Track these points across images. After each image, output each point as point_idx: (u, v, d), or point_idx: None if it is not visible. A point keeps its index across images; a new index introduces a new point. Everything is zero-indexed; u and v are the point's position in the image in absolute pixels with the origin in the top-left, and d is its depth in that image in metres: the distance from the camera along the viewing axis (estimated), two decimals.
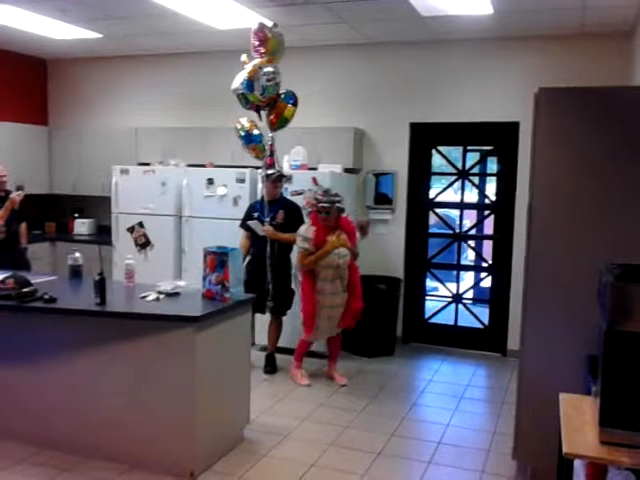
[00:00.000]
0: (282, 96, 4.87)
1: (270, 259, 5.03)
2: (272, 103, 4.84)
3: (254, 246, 5.18)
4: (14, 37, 6.28)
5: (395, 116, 6.11)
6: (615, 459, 2.04)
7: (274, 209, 5.09)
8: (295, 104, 4.92)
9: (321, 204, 4.72)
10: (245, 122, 4.97)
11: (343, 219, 4.88)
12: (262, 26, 4.71)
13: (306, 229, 4.82)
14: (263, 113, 4.88)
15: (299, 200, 5.34)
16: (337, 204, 4.74)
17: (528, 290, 3.32)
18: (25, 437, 3.70)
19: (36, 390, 3.70)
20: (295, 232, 4.92)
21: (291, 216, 5.07)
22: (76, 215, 7.36)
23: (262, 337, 5.55)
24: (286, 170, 5.52)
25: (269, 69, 4.67)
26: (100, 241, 6.67)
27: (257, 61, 4.72)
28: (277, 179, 5.07)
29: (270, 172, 5.00)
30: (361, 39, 5.93)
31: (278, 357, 5.31)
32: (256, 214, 5.14)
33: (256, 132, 4.95)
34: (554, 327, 3.24)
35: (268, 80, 4.65)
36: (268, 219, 5.04)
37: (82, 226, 7.20)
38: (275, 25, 4.77)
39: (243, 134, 4.95)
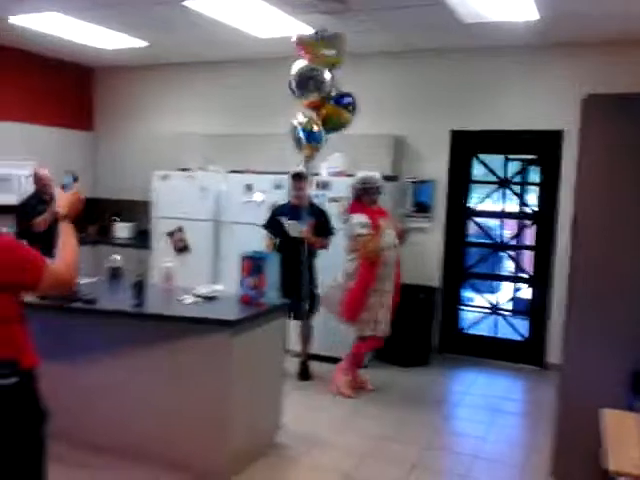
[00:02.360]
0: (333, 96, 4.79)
1: (305, 262, 5.01)
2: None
3: (280, 250, 5.11)
4: (64, 47, 6.46)
5: (436, 123, 6.06)
6: None
7: (303, 216, 5.03)
8: (345, 106, 4.80)
9: (377, 185, 4.84)
10: (304, 119, 4.77)
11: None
12: (299, 39, 4.71)
13: (357, 217, 4.76)
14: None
15: (333, 207, 5.30)
16: None
17: (571, 303, 3.24)
18: (58, 437, 3.74)
19: (71, 390, 3.71)
20: (324, 236, 4.99)
21: (319, 221, 5.05)
22: (117, 219, 7.51)
23: (294, 343, 5.54)
24: (324, 176, 5.50)
25: (306, 65, 4.62)
26: (139, 245, 6.78)
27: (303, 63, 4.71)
28: (296, 177, 5.04)
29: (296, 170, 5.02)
30: (402, 46, 5.90)
31: (312, 364, 5.28)
32: (284, 218, 5.09)
33: (316, 129, 4.75)
34: (597, 341, 3.15)
35: (310, 78, 4.60)
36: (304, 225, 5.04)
37: (123, 230, 7.34)
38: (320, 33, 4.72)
39: (304, 131, 4.74)
